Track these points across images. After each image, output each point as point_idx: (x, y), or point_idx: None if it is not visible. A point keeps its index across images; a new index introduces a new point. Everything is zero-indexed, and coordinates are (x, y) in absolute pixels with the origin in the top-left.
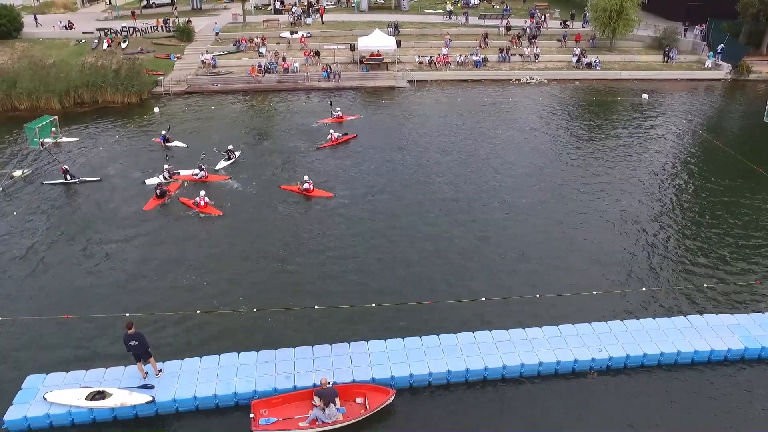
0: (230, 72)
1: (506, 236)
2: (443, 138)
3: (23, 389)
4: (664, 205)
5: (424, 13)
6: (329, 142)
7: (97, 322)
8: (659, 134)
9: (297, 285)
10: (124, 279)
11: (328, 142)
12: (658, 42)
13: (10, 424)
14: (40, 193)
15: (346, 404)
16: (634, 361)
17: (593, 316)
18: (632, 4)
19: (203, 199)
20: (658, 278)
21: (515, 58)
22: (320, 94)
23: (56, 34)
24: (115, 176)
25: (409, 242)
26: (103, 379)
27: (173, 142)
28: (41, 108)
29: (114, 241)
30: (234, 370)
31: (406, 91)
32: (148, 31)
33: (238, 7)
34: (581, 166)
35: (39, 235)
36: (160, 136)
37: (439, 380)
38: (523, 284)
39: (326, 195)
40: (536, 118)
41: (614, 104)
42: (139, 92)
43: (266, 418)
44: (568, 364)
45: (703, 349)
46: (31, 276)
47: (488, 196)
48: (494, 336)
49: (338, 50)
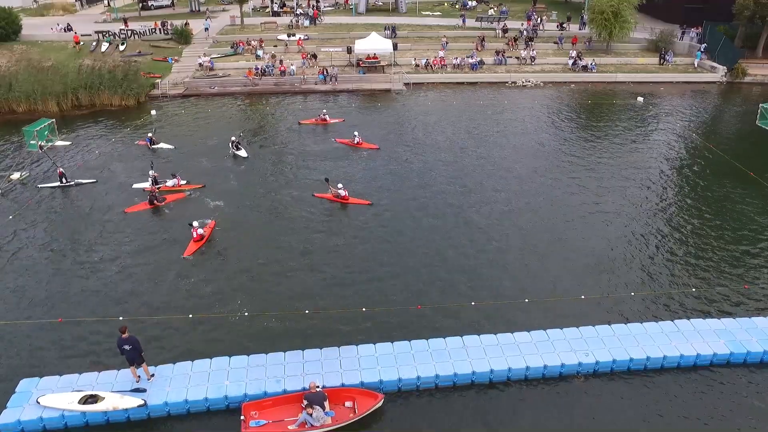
0: (227, 74)
1: (495, 240)
2: (437, 141)
3: (17, 393)
4: (653, 208)
5: (422, 15)
6: (315, 119)
7: (91, 326)
8: (653, 137)
9: (291, 290)
10: (118, 282)
11: (313, 118)
12: (654, 45)
13: (3, 428)
14: (37, 195)
15: (335, 408)
16: (621, 366)
17: (581, 321)
18: (629, 6)
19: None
20: (645, 282)
21: (512, 61)
22: (317, 96)
23: (55, 36)
24: (110, 178)
25: (397, 246)
26: (96, 382)
27: (159, 144)
28: (39, 111)
29: (107, 244)
30: (225, 374)
31: (402, 94)
32: (146, 34)
33: (237, 9)
34: (573, 170)
35: (33, 238)
36: (146, 138)
37: (427, 384)
38: (512, 288)
39: (363, 203)
40: (532, 121)
41: (610, 107)
42: (137, 95)
43: (256, 420)
44: (555, 369)
45: (689, 353)
46: (24, 279)
47: (480, 199)
48: (482, 340)
49: (335, 53)
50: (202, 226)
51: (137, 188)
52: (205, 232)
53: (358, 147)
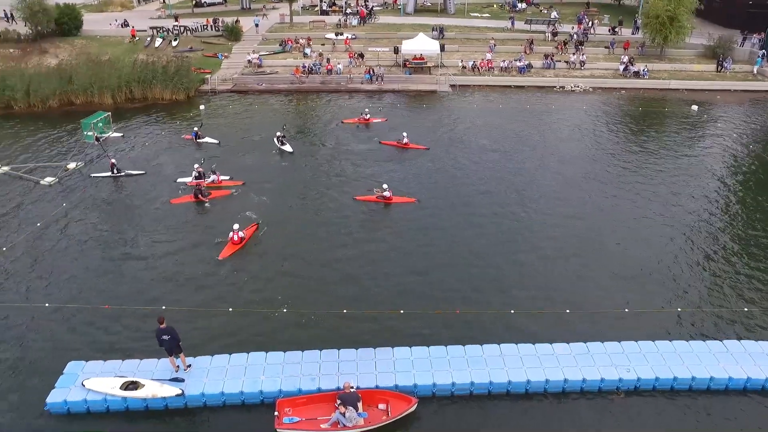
0: (275, 72)
1: (539, 248)
2: (483, 143)
3: (64, 374)
4: (706, 222)
5: (470, 16)
6: (357, 119)
7: (135, 314)
8: (707, 147)
9: (329, 288)
10: (161, 272)
11: (355, 118)
12: (711, 51)
13: (51, 406)
14: (89, 185)
15: (368, 410)
16: (664, 384)
17: (623, 335)
18: (686, 10)
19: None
20: (694, 299)
21: (560, 65)
22: (362, 96)
23: (112, 31)
24: (158, 171)
25: (439, 249)
26: (137, 369)
27: (204, 138)
28: (95, 103)
29: (153, 235)
30: (261, 369)
31: (448, 96)
32: (198, 30)
33: (286, 7)
34: (621, 178)
35: (84, 226)
36: (192, 132)
37: (462, 391)
38: (553, 298)
39: (408, 201)
40: (579, 126)
41: (661, 115)
42: (187, 90)
43: (290, 416)
44: (594, 383)
45: (738, 376)
46: (75, 265)
47: (524, 205)
48: (520, 349)
49: (382, 53)
50: (243, 229)
51: (181, 182)
52: (245, 234)
53: (405, 148)
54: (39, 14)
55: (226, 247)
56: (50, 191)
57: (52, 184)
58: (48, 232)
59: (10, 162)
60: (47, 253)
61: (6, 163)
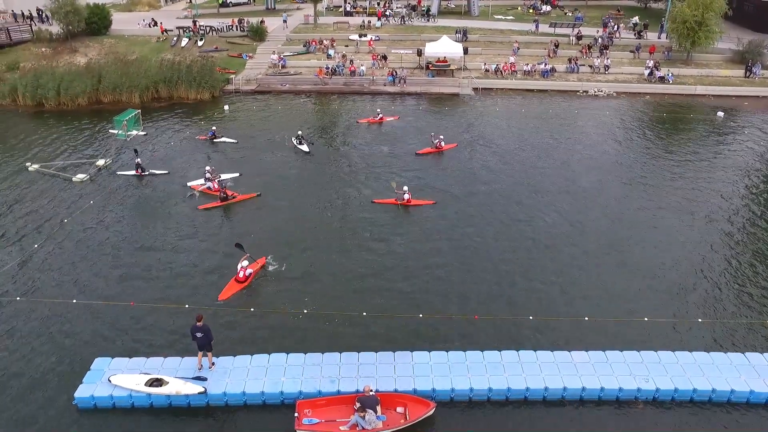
0: (299, 73)
1: (559, 254)
2: (505, 147)
3: (91, 370)
4: (730, 231)
5: (494, 19)
6: (370, 119)
7: (159, 312)
8: (732, 155)
9: (350, 291)
10: (185, 272)
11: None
12: (740, 56)
13: (79, 401)
14: (117, 183)
15: (387, 413)
16: (683, 395)
17: (643, 344)
18: (715, 15)
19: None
20: (716, 310)
21: (584, 69)
22: (385, 98)
23: (140, 31)
24: (181, 170)
25: (460, 253)
26: (161, 367)
27: (221, 138)
28: (122, 102)
29: (177, 234)
30: (282, 370)
31: (471, 99)
32: (224, 30)
33: (311, 8)
34: (643, 186)
35: (112, 224)
36: (209, 131)
37: (479, 396)
38: (572, 305)
39: (427, 203)
40: (602, 132)
41: (686, 121)
42: (212, 89)
43: (310, 418)
44: (612, 392)
45: (760, 389)
46: (102, 262)
47: (545, 211)
48: (538, 356)
49: (405, 55)
50: (251, 262)
51: (190, 186)
52: (252, 270)
53: (440, 151)
54: (70, 14)
55: (227, 287)
56: (82, 188)
57: (84, 181)
58: (77, 229)
59: (46, 159)
60: (76, 250)
61: (39, 160)
